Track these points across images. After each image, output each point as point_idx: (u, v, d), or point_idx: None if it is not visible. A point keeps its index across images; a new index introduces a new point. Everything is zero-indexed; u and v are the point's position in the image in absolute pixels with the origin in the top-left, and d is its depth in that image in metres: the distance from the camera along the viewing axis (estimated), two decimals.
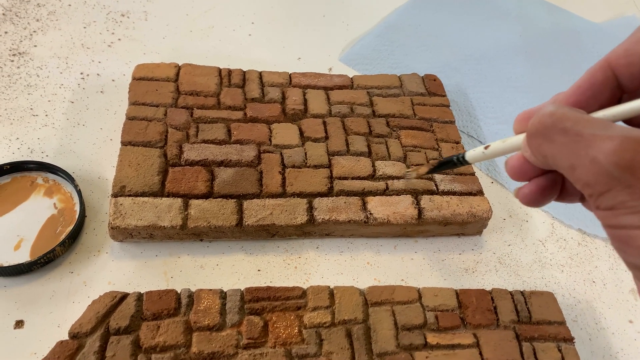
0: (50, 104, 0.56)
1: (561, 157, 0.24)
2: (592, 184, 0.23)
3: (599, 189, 0.23)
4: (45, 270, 0.45)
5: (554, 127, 0.25)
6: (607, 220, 0.23)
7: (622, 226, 0.22)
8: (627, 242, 0.23)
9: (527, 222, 0.56)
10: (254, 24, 0.72)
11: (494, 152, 0.31)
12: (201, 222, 0.46)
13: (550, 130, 0.25)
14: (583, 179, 0.23)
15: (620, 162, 0.22)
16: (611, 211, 0.23)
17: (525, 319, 0.45)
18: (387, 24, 0.75)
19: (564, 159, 0.24)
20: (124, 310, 0.40)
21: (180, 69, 0.58)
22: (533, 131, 0.26)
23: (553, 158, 0.25)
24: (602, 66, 0.27)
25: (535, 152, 0.26)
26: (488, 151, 0.31)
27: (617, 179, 0.22)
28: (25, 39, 0.62)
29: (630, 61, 0.26)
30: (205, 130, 0.53)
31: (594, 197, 0.23)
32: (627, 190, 0.22)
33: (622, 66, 0.26)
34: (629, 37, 0.27)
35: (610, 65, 0.27)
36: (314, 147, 0.53)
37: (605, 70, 0.27)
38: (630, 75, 0.26)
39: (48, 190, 0.49)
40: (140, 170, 0.48)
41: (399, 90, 0.61)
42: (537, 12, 0.84)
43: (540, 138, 0.26)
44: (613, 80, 0.27)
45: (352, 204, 0.50)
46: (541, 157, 0.26)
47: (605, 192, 0.23)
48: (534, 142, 0.26)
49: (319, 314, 0.43)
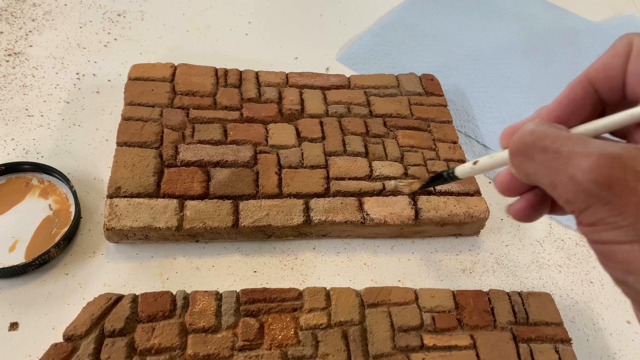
0: (45, 104, 0.56)
1: (542, 175, 0.25)
2: (572, 201, 0.23)
3: (579, 206, 0.23)
4: (40, 272, 0.44)
5: (534, 145, 0.25)
6: (590, 235, 0.23)
7: (604, 242, 0.23)
8: (609, 257, 0.23)
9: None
10: (251, 23, 0.71)
11: (482, 167, 0.31)
12: (197, 223, 0.46)
13: (530, 149, 0.25)
14: (563, 197, 0.24)
15: (597, 179, 0.22)
16: (592, 227, 0.23)
17: (522, 320, 0.45)
18: (384, 23, 0.75)
19: (544, 177, 0.24)
20: (119, 312, 0.40)
21: (176, 69, 0.57)
22: (514, 150, 0.26)
23: (535, 175, 0.25)
24: (581, 81, 0.27)
25: (518, 170, 0.27)
26: (477, 167, 0.32)
27: (595, 196, 0.22)
28: (20, 39, 0.62)
29: (608, 75, 0.26)
30: (201, 130, 0.52)
31: (575, 213, 0.24)
32: (605, 207, 0.22)
33: (601, 80, 0.26)
34: (606, 51, 0.27)
35: (590, 80, 0.27)
36: (310, 147, 0.53)
37: (585, 85, 0.27)
38: (609, 89, 0.26)
39: (43, 191, 0.48)
40: (135, 171, 0.48)
41: (396, 90, 0.61)
42: (535, 10, 0.83)
43: (521, 156, 0.26)
44: (593, 95, 0.27)
45: (349, 204, 0.49)
46: (524, 174, 0.26)
47: (585, 209, 0.23)
48: (516, 160, 0.26)
49: (315, 316, 0.42)
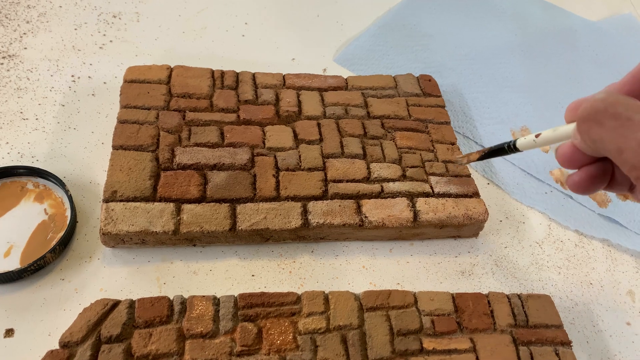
0: (40, 107, 0.56)
1: (610, 141, 0.25)
2: (638, 166, 0.24)
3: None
4: (36, 278, 0.44)
5: (606, 111, 0.26)
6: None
7: None
8: None
9: (523, 223, 0.55)
10: (247, 24, 0.71)
11: (545, 140, 0.32)
12: (194, 227, 0.46)
13: (601, 115, 0.26)
14: (630, 162, 0.24)
15: None
16: None
17: (522, 322, 0.45)
18: (381, 23, 0.74)
19: (612, 142, 0.25)
20: (116, 318, 0.40)
21: (172, 71, 0.57)
22: (585, 115, 0.27)
23: (602, 142, 0.26)
24: None
25: (585, 137, 0.27)
26: (539, 140, 0.33)
27: None
28: (15, 41, 0.61)
29: None
30: (198, 133, 0.52)
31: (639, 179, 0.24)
32: None
33: None
34: None
35: None
36: (308, 149, 0.53)
37: None
38: None
39: (38, 195, 0.48)
40: (131, 175, 0.47)
41: (394, 91, 0.61)
42: (533, 10, 0.83)
43: (590, 122, 0.26)
44: None
45: (347, 207, 0.49)
46: (590, 141, 0.27)
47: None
48: (584, 126, 0.27)
49: (314, 320, 0.42)
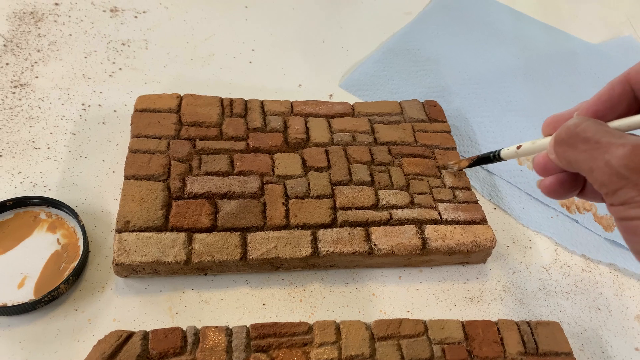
0: (52, 136, 0.56)
1: (583, 162, 0.28)
2: (606, 184, 0.27)
3: (612, 188, 0.27)
4: (49, 308, 0.44)
5: (578, 136, 0.29)
6: (619, 214, 0.27)
7: (631, 218, 0.26)
8: (634, 232, 0.26)
9: (530, 248, 0.56)
10: (254, 51, 0.72)
11: (525, 151, 0.36)
12: (205, 257, 0.46)
13: (574, 139, 0.29)
14: (599, 180, 0.27)
15: (629, 164, 0.25)
16: (622, 206, 0.26)
17: (532, 350, 0.45)
18: (386, 48, 0.76)
19: (584, 163, 0.28)
20: (130, 350, 0.40)
21: (182, 100, 0.58)
22: (560, 140, 0.30)
23: (576, 162, 0.29)
24: (621, 80, 0.31)
25: (560, 158, 0.30)
26: (520, 150, 0.36)
27: (627, 179, 0.26)
28: (26, 70, 0.62)
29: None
30: (208, 162, 0.53)
31: (608, 195, 0.27)
32: (635, 187, 0.25)
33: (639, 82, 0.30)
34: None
35: (629, 80, 0.30)
36: (317, 176, 0.54)
37: (624, 84, 0.31)
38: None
39: (51, 225, 0.49)
40: (143, 205, 0.48)
41: (400, 117, 0.62)
42: (535, 33, 0.84)
43: (565, 146, 0.30)
44: (630, 94, 0.31)
45: (356, 235, 0.50)
46: (565, 162, 0.30)
47: (617, 190, 0.26)
48: (559, 149, 0.30)
49: (326, 350, 0.42)
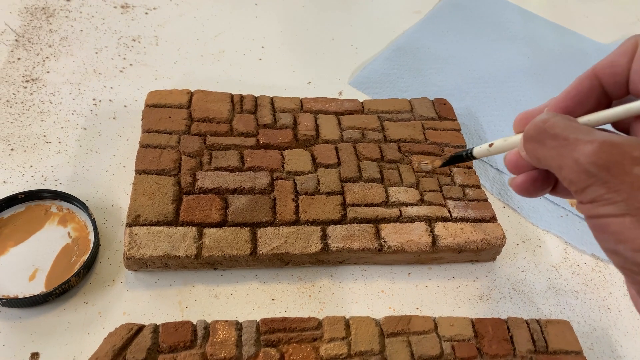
0: (63, 130, 0.57)
1: (551, 159, 0.28)
2: (575, 182, 0.26)
3: (581, 185, 0.26)
4: (60, 301, 0.45)
5: (546, 132, 0.28)
6: (588, 211, 0.26)
7: (600, 215, 0.26)
8: (603, 230, 0.26)
9: (540, 247, 0.56)
10: (264, 48, 0.72)
11: (497, 149, 0.35)
12: (215, 252, 0.46)
13: (543, 136, 0.28)
14: (568, 177, 0.27)
15: (597, 162, 0.25)
16: (591, 204, 0.26)
17: (542, 348, 0.45)
18: (395, 46, 0.75)
19: (553, 160, 0.28)
20: (141, 343, 0.40)
21: (192, 95, 0.58)
22: (528, 136, 0.29)
23: (545, 159, 0.28)
24: (588, 75, 0.30)
25: (531, 155, 0.30)
26: (492, 148, 0.36)
27: (595, 176, 0.25)
28: (38, 65, 0.63)
29: (614, 71, 0.29)
30: (219, 157, 0.53)
31: (577, 192, 0.27)
32: (603, 185, 0.25)
33: (607, 76, 0.29)
34: (615, 49, 0.29)
35: (597, 75, 0.30)
36: (326, 173, 0.54)
37: (592, 79, 0.30)
38: (614, 84, 0.29)
39: (62, 218, 0.49)
40: (154, 199, 0.48)
41: (410, 114, 0.62)
42: (545, 33, 0.84)
43: (534, 142, 0.29)
44: (599, 89, 0.30)
45: (366, 231, 0.49)
46: (535, 159, 0.30)
47: (586, 188, 0.26)
48: (529, 146, 0.29)
49: (336, 346, 0.42)
